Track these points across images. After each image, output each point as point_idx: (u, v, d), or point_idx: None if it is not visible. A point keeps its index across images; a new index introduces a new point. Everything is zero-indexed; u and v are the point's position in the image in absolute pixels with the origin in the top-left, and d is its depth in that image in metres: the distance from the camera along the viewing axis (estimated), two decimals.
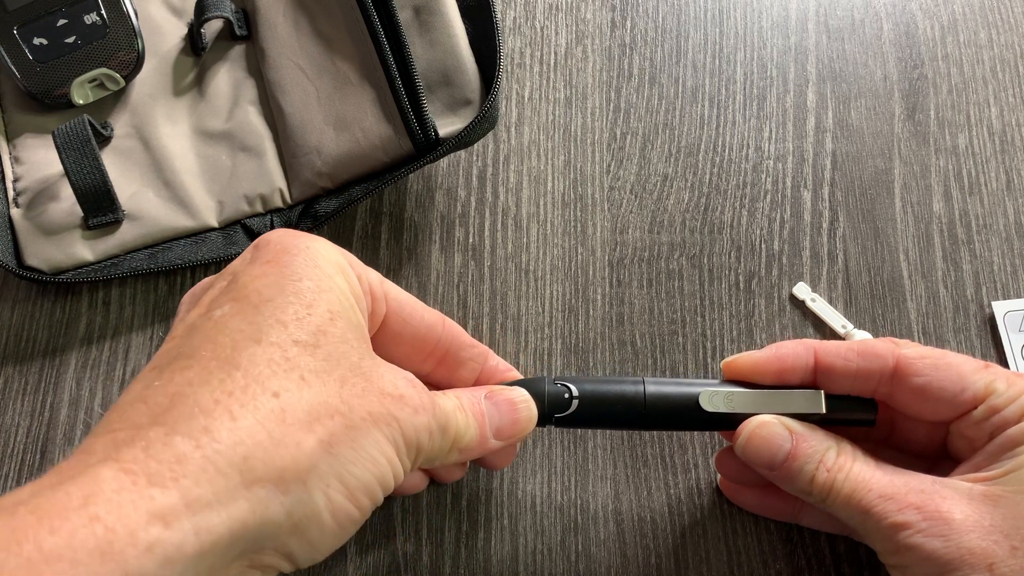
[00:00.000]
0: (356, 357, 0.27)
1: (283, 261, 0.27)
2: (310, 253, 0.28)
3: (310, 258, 0.28)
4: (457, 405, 0.30)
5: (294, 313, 0.26)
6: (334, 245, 0.30)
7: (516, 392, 0.32)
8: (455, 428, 0.29)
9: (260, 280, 0.27)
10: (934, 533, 0.28)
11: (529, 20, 0.47)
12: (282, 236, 0.29)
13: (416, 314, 0.32)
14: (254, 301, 0.26)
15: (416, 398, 0.27)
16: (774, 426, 0.31)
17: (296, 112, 0.42)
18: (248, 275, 0.27)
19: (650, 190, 0.43)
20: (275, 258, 0.28)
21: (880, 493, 0.29)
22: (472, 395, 0.31)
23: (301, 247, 0.28)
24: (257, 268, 0.27)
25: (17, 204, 0.41)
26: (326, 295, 0.27)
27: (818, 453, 0.31)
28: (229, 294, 0.27)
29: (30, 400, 0.39)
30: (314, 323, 0.26)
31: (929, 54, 0.46)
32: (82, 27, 0.42)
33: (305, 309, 0.26)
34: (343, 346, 0.27)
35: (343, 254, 0.30)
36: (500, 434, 0.31)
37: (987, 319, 0.41)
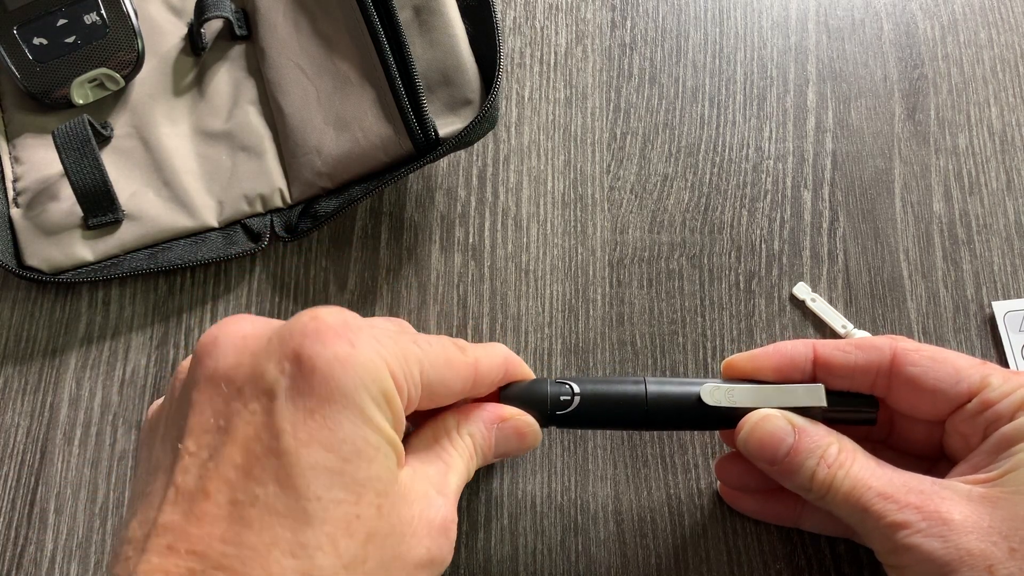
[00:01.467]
0: (396, 542, 0.26)
1: (327, 414, 0.24)
2: (356, 394, 0.24)
3: (356, 405, 0.24)
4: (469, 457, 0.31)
5: (344, 521, 0.24)
6: (379, 346, 0.26)
7: (525, 422, 0.32)
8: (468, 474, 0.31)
9: (305, 450, 0.23)
10: (933, 534, 0.28)
11: (529, 20, 0.47)
12: (322, 352, 0.24)
13: (444, 392, 0.30)
14: (301, 491, 0.23)
15: (447, 545, 0.28)
16: (777, 419, 0.31)
17: (296, 112, 0.42)
18: (291, 431, 0.24)
19: (650, 190, 0.43)
20: (319, 392, 0.24)
21: (879, 492, 0.29)
22: (484, 428, 0.31)
23: (348, 375, 0.24)
24: (299, 418, 0.24)
25: (17, 204, 0.41)
26: (374, 474, 0.25)
27: (820, 448, 0.30)
28: (268, 460, 0.23)
29: (30, 400, 0.39)
30: (363, 530, 0.24)
31: (929, 54, 0.46)
32: (82, 27, 0.42)
33: (354, 508, 0.24)
34: (388, 540, 0.25)
35: (386, 352, 0.26)
36: (505, 455, 0.32)
37: (987, 319, 0.41)
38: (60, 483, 0.38)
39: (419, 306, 0.41)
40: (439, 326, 0.41)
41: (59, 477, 0.38)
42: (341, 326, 0.25)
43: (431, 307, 0.41)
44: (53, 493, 0.38)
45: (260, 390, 0.24)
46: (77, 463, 0.38)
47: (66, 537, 0.37)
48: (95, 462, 0.38)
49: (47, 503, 0.37)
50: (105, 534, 0.37)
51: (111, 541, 0.36)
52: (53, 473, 0.38)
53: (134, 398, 0.39)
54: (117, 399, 0.39)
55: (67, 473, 0.38)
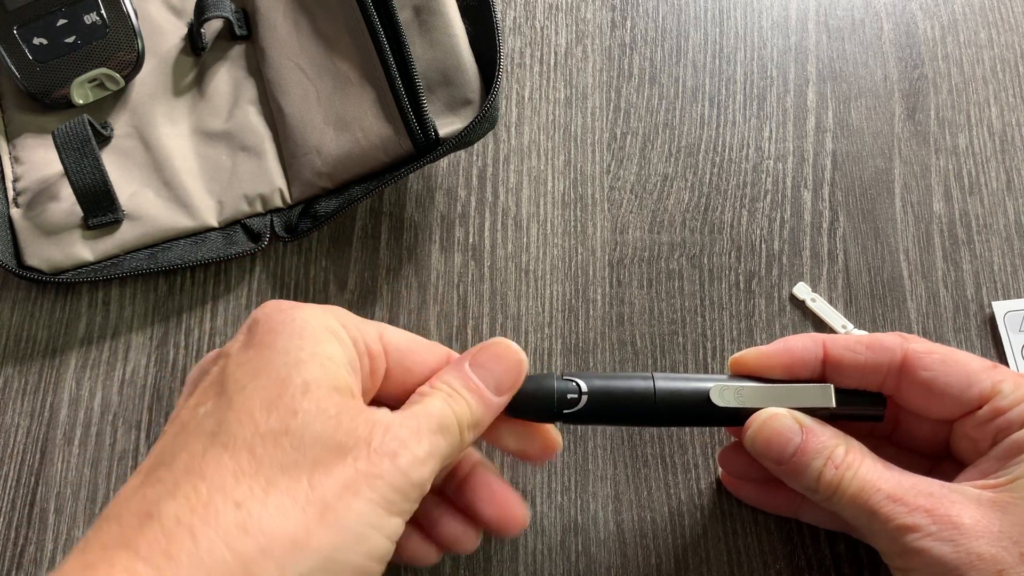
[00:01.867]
0: (332, 426, 0.26)
1: (266, 341, 0.27)
2: (295, 325, 0.28)
3: (295, 330, 0.28)
4: (445, 396, 0.29)
5: (264, 400, 0.26)
6: (327, 308, 0.29)
7: (494, 343, 0.31)
8: (455, 418, 0.29)
9: (240, 368, 0.27)
10: (943, 537, 0.28)
11: (529, 20, 0.47)
12: (271, 313, 0.28)
13: (419, 363, 0.31)
14: (230, 393, 0.26)
15: (394, 442, 0.27)
16: (785, 419, 0.31)
17: (296, 112, 0.42)
18: (232, 363, 0.27)
19: (650, 190, 0.43)
20: (260, 339, 0.28)
21: (888, 494, 0.29)
22: (456, 370, 0.30)
23: (287, 320, 0.28)
24: (242, 355, 0.28)
25: (17, 204, 0.41)
26: (304, 366, 0.27)
27: (827, 449, 0.30)
28: (214, 387, 0.27)
29: (30, 400, 0.39)
30: (285, 405, 0.26)
31: (929, 54, 0.46)
32: (82, 27, 0.42)
33: (277, 390, 0.26)
34: (317, 420, 0.26)
35: (336, 315, 0.29)
36: (500, 389, 0.30)
37: (987, 319, 0.41)
38: (60, 483, 0.38)
39: (419, 306, 0.41)
40: (439, 326, 0.41)
41: (59, 477, 0.38)
42: (290, 303, 0.29)
43: (431, 307, 0.41)
44: (53, 493, 0.38)
45: (222, 355, 0.29)
46: (77, 463, 0.38)
47: (66, 537, 0.37)
48: (95, 462, 0.38)
49: (47, 503, 0.37)
50: None
51: None
52: (53, 473, 0.38)
53: (134, 398, 0.39)
54: (117, 399, 0.39)
55: (67, 473, 0.38)
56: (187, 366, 0.40)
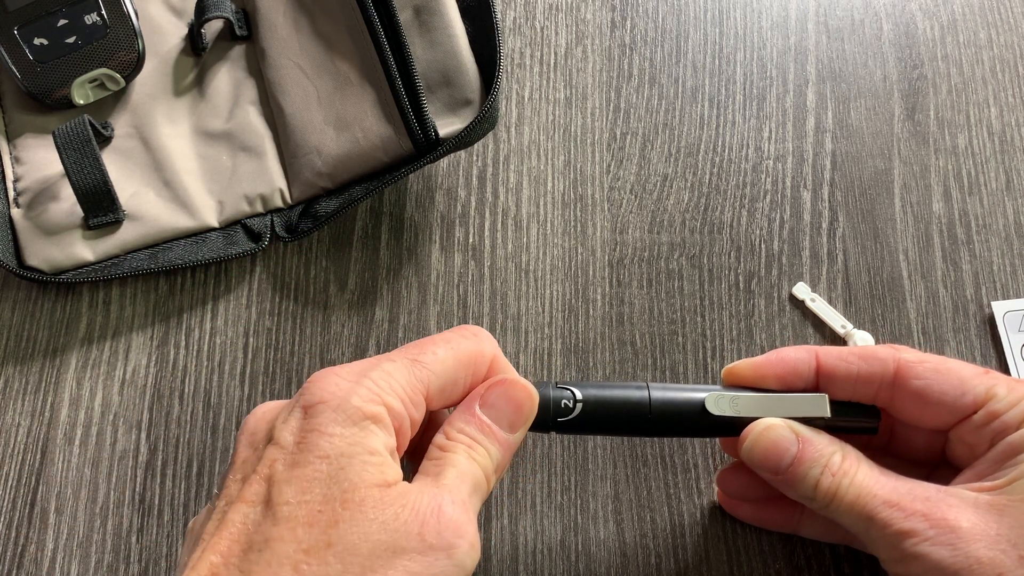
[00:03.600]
0: (377, 531, 0.26)
1: (310, 443, 0.27)
2: (339, 417, 0.27)
3: (336, 426, 0.27)
4: (466, 450, 0.29)
5: (305, 511, 0.26)
6: (371, 378, 0.28)
7: (502, 382, 0.31)
8: (483, 472, 0.29)
9: (286, 475, 0.27)
10: (941, 542, 0.28)
11: (529, 20, 0.47)
12: (318, 396, 0.28)
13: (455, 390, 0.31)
14: (275, 505, 0.26)
15: (449, 532, 0.26)
16: (781, 429, 0.31)
17: (296, 112, 0.42)
18: (280, 466, 0.27)
19: (650, 190, 0.44)
20: (306, 440, 0.27)
21: (885, 500, 0.29)
22: (468, 414, 0.30)
23: (329, 409, 0.27)
24: (289, 459, 0.27)
25: (17, 204, 0.41)
26: (346, 474, 0.26)
27: (823, 457, 0.30)
28: (261, 492, 0.27)
29: (30, 400, 0.39)
30: (326, 516, 0.26)
31: (929, 54, 0.46)
32: (82, 27, 0.42)
33: (319, 505, 0.26)
34: (363, 527, 0.26)
35: (377, 388, 0.28)
36: (514, 426, 0.30)
37: (987, 319, 0.41)
38: (61, 483, 0.38)
39: (419, 306, 0.41)
40: (439, 326, 0.41)
41: (60, 477, 0.38)
42: (333, 379, 0.28)
43: (431, 307, 0.41)
44: (54, 493, 0.38)
45: (269, 438, 0.28)
46: (78, 463, 0.38)
47: (66, 537, 0.37)
48: (96, 462, 0.38)
49: (48, 503, 0.37)
50: (106, 534, 0.37)
51: None
52: (54, 473, 0.38)
53: (134, 398, 0.39)
54: (118, 399, 0.39)
55: (68, 473, 0.38)
56: (187, 366, 0.40)
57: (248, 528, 0.26)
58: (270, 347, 0.40)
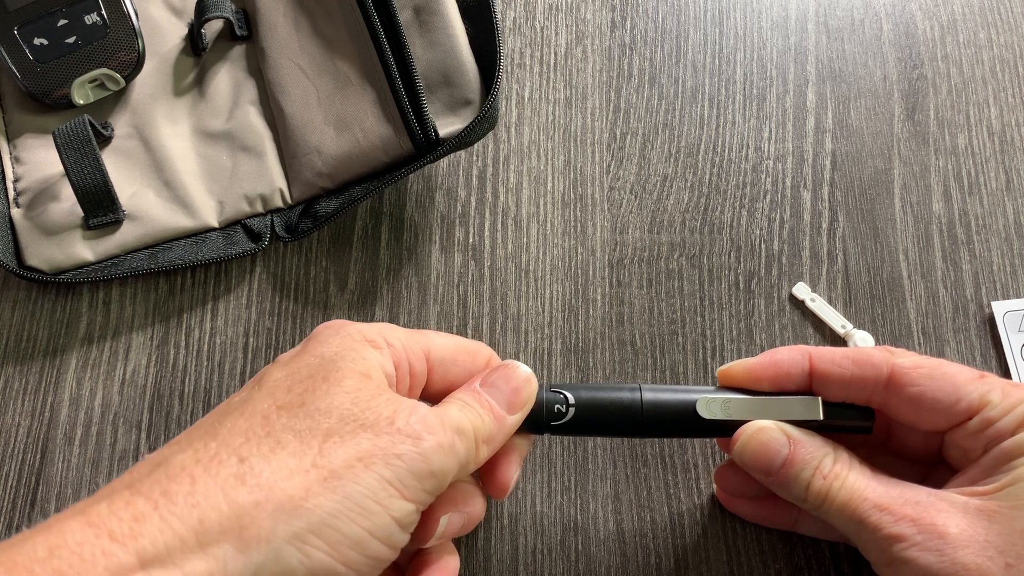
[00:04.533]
0: (350, 400, 0.27)
1: (309, 347, 0.29)
2: (339, 334, 0.29)
3: (336, 338, 0.29)
4: (462, 405, 0.29)
5: (287, 381, 0.28)
6: (377, 324, 0.31)
7: (504, 365, 0.31)
8: (471, 426, 0.29)
9: (279, 365, 0.29)
10: (929, 547, 0.28)
11: (529, 20, 0.47)
12: (322, 328, 0.30)
13: (461, 375, 0.32)
14: (263, 382, 0.28)
15: (419, 425, 0.27)
16: (772, 431, 0.31)
17: (296, 112, 0.42)
18: (276, 363, 0.29)
19: (650, 190, 0.44)
20: (305, 347, 0.29)
21: (875, 503, 0.29)
22: (469, 389, 0.31)
23: (334, 330, 0.30)
24: (285, 357, 0.30)
25: (18, 204, 0.41)
26: (335, 362, 0.28)
27: (815, 460, 0.30)
28: (254, 381, 0.29)
29: (30, 400, 0.39)
30: (306, 385, 0.27)
31: (929, 54, 0.46)
32: (82, 27, 0.42)
33: (304, 373, 0.28)
34: (337, 396, 0.27)
35: (383, 331, 0.30)
36: (512, 407, 0.31)
37: (987, 319, 0.41)
38: (61, 483, 0.38)
39: (419, 306, 0.41)
40: (439, 326, 0.41)
41: (60, 477, 0.38)
42: (338, 320, 0.31)
43: (431, 307, 0.41)
44: (54, 493, 0.38)
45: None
46: (78, 463, 0.38)
47: None
48: (96, 462, 0.38)
49: (48, 503, 0.37)
50: None
51: None
52: (54, 473, 0.38)
53: (134, 398, 0.39)
54: (118, 399, 0.39)
55: (68, 473, 0.38)
56: (188, 366, 0.40)
57: (233, 400, 0.28)
58: (270, 347, 0.40)
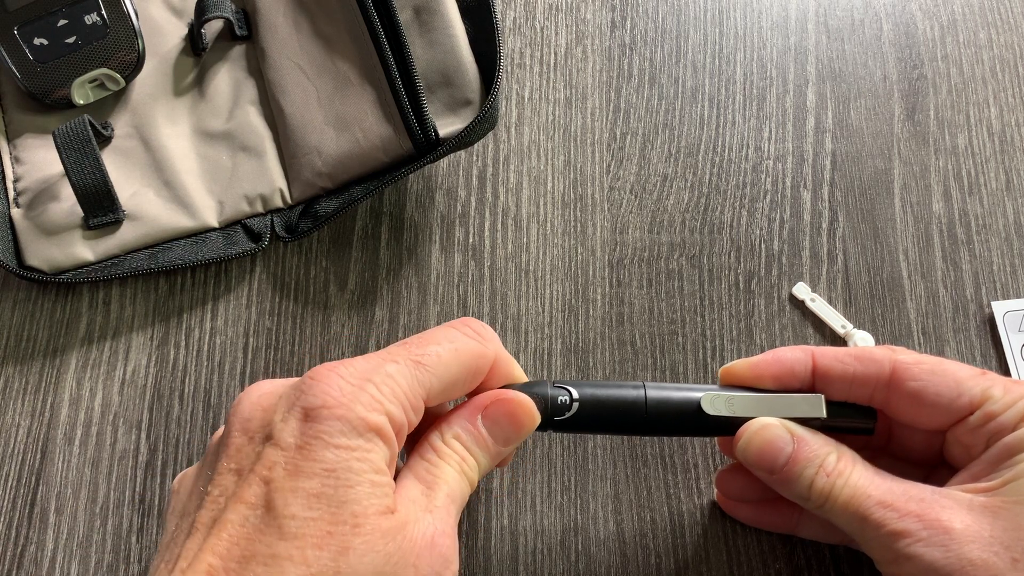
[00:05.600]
0: (381, 561, 0.26)
1: (313, 450, 0.27)
2: (343, 426, 0.27)
3: (341, 439, 0.27)
4: (459, 463, 0.30)
5: (315, 536, 0.26)
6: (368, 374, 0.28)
7: (509, 401, 0.31)
8: (470, 485, 0.30)
9: (288, 483, 0.26)
10: (935, 543, 0.28)
11: (529, 20, 0.47)
12: (319, 395, 0.27)
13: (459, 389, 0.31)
14: (280, 517, 0.26)
15: (440, 559, 0.27)
16: (776, 428, 0.31)
17: (296, 112, 0.42)
18: (281, 474, 0.27)
19: (650, 190, 0.44)
20: (308, 446, 0.27)
21: (879, 500, 0.29)
22: (469, 423, 0.30)
23: (334, 417, 0.27)
24: (290, 464, 0.27)
25: (17, 204, 0.41)
26: (352, 492, 0.26)
27: (819, 457, 0.30)
28: (261, 494, 0.26)
29: (30, 400, 0.39)
30: (336, 543, 0.26)
31: (929, 54, 0.46)
32: (82, 27, 0.42)
33: (328, 526, 0.26)
34: (367, 557, 0.26)
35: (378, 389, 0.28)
36: (509, 442, 0.31)
37: (987, 319, 0.41)
38: (61, 483, 0.38)
39: (419, 306, 0.41)
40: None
41: (60, 477, 0.38)
42: (336, 381, 0.28)
43: (431, 307, 0.41)
44: (54, 493, 0.38)
45: (266, 435, 0.28)
46: (78, 463, 0.38)
47: (67, 537, 0.37)
48: (96, 462, 0.38)
49: (48, 503, 0.37)
50: (106, 533, 0.37)
51: None
52: (54, 473, 0.38)
53: (135, 398, 0.39)
54: (118, 399, 0.39)
55: (68, 473, 0.38)
56: (187, 366, 0.40)
57: (248, 533, 0.26)
58: (270, 347, 0.40)
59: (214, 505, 0.27)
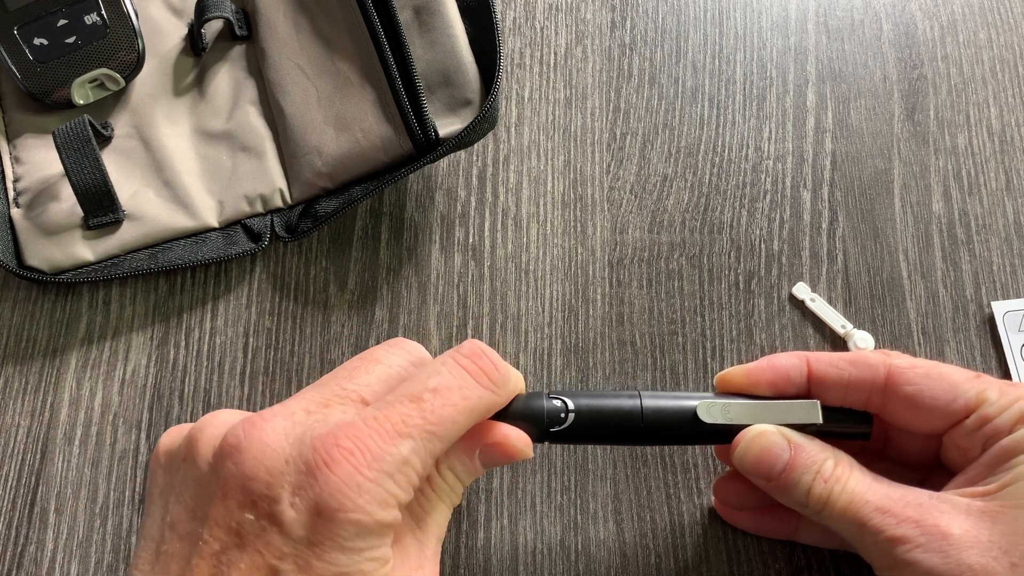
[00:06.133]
0: None
1: (325, 548, 0.26)
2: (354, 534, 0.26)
3: (352, 542, 0.26)
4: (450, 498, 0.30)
5: None
6: (387, 481, 0.27)
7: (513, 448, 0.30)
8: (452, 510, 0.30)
9: None
10: (933, 549, 0.28)
11: (529, 20, 0.47)
12: (329, 500, 0.26)
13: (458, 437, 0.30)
14: None
15: None
16: (773, 435, 0.31)
17: (296, 112, 0.42)
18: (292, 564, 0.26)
19: (650, 190, 0.44)
20: (319, 541, 0.26)
21: (877, 506, 0.29)
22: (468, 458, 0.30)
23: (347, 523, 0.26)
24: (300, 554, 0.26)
25: (17, 204, 0.41)
26: None
27: (816, 463, 0.30)
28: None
29: (30, 400, 0.39)
30: None
31: (929, 54, 0.46)
32: (82, 27, 0.42)
33: None
34: None
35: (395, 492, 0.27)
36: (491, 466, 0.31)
37: (987, 319, 0.41)
38: (60, 483, 0.38)
39: (419, 306, 0.41)
40: (439, 326, 0.41)
41: (59, 477, 0.38)
42: (354, 478, 0.26)
43: (431, 307, 0.41)
44: (53, 493, 0.38)
45: (271, 511, 0.26)
46: (77, 463, 0.38)
47: (66, 537, 0.37)
48: (95, 462, 0.38)
49: (47, 503, 0.37)
50: (106, 533, 0.37)
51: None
52: (53, 473, 0.38)
53: (134, 398, 0.39)
54: (117, 399, 0.39)
55: (67, 473, 0.38)
56: (187, 366, 0.40)
57: None
58: (270, 347, 0.40)
59: (212, 564, 0.26)
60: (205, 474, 0.28)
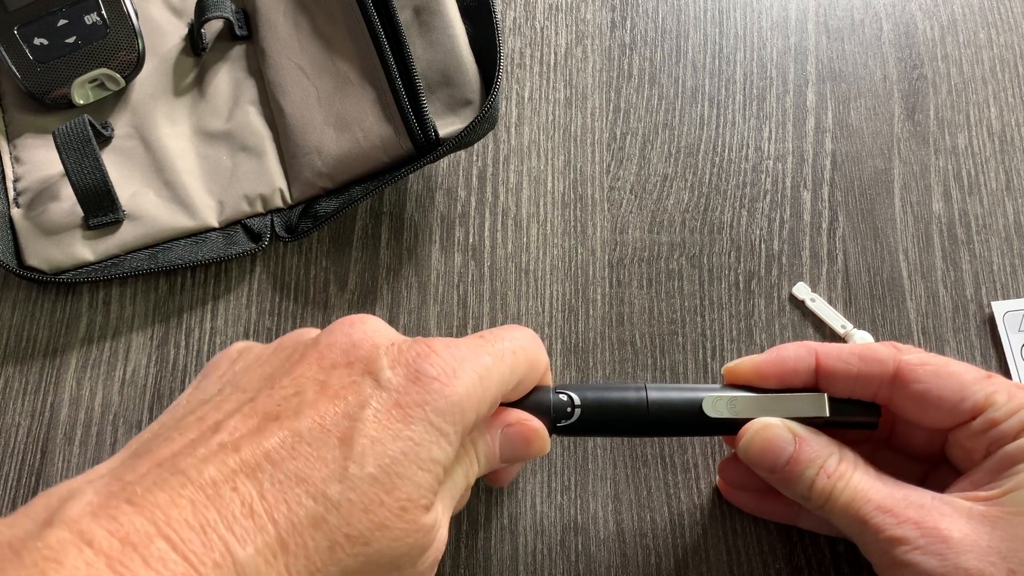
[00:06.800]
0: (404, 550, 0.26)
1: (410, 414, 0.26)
2: (438, 415, 0.27)
3: (433, 424, 0.27)
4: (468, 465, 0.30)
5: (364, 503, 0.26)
6: (477, 382, 0.28)
7: (531, 428, 0.31)
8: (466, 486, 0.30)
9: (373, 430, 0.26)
10: (931, 551, 0.28)
11: (529, 20, 0.47)
12: (429, 369, 0.27)
13: (508, 399, 0.32)
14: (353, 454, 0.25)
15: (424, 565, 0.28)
16: (777, 428, 0.31)
17: (296, 112, 0.42)
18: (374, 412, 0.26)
19: (650, 190, 0.44)
20: (405, 405, 0.27)
21: (878, 505, 0.29)
22: (490, 437, 0.31)
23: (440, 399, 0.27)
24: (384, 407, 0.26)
25: (17, 204, 0.41)
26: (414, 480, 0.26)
27: (820, 458, 0.30)
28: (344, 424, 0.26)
29: (30, 400, 0.39)
30: (378, 519, 0.26)
31: (929, 54, 0.46)
32: (82, 27, 0.42)
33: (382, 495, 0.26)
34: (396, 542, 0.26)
35: (475, 398, 0.28)
36: (509, 461, 0.31)
37: (987, 319, 0.41)
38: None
39: (419, 306, 0.41)
40: (439, 326, 0.41)
41: (60, 477, 0.38)
42: (451, 362, 0.28)
43: (431, 307, 0.41)
44: None
45: (369, 370, 0.27)
46: (78, 463, 0.38)
47: None
48: (96, 462, 0.38)
49: None
50: None
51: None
52: (54, 473, 0.38)
53: (135, 398, 0.39)
54: (118, 399, 0.39)
55: (68, 473, 0.38)
56: (188, 366, 0.40)
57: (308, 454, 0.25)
58: None
59: (281, 395, 0.27)
60: (302, 344, 0.29)
